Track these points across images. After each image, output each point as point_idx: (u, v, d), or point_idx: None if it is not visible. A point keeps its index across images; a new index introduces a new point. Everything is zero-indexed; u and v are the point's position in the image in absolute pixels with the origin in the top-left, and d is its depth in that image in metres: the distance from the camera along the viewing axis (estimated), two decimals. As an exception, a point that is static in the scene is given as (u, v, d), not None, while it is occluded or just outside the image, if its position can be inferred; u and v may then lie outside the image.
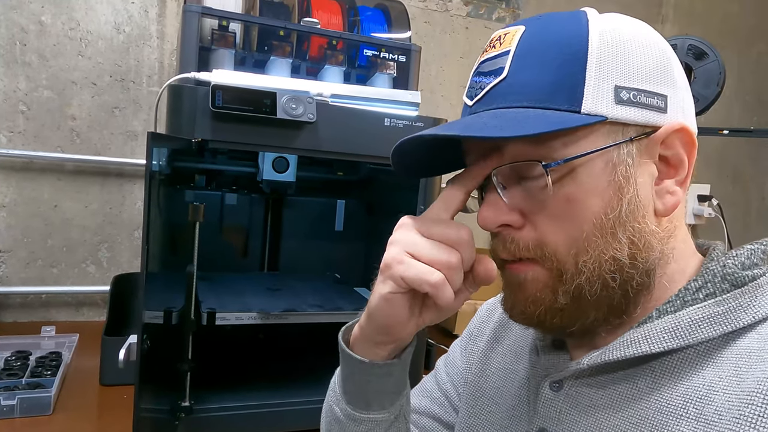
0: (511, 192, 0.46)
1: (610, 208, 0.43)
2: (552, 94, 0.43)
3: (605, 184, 0.43)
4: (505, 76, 0.45)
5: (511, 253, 0.46)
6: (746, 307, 0.42)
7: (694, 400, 0.41)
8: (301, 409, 0.99)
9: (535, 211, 0.45)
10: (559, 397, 0.49)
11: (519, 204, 0.45)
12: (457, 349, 0.69)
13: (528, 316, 0.47)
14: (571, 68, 0.43)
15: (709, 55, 1.57)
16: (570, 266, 0.44)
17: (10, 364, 1.08)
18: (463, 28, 1.85)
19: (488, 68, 0.46)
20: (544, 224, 0.44)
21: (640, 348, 0.44)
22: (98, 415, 1.00)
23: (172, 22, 1.51)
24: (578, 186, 0.43)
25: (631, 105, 0.43)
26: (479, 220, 0.47)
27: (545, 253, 0.44)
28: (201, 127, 0.86)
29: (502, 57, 0.45)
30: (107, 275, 1.48)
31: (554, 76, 0.43)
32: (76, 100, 1.45)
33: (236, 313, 0.98)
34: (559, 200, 0.44)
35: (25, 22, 1.39)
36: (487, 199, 0.47)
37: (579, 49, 0.43)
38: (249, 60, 1.11)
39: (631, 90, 0.43)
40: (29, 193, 1.43)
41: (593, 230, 0.43)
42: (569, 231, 0.44)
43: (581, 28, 0.44)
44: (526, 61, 0.44)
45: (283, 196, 1.38)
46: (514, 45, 0.45)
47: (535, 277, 0.45)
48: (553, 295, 0.45)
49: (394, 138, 0.95)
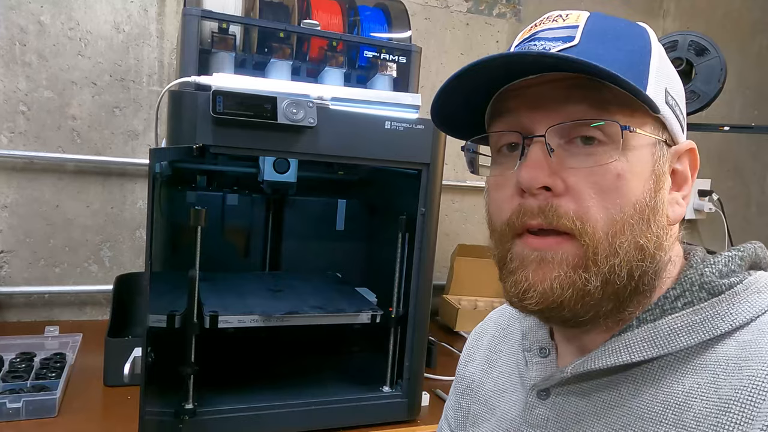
0: (558, 156, 0.44)
1: (649, 196, 0.44)
2: (624, 71, 0.41)
3: (648, 172, 0.44)
4: (577, 43, 0.43)
5: (548, 220, 0.43)
6: (723, 315, 0.43)
7: (673, 407, 0.42)
8: (303, 410, 1.00)
9: (582, 180, 0.43)
10: (545, 405, 0.50)
11: (564, 169, 0.43)
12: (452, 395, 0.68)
13: (549, 299, 0.43)
14: (639, 57, 0.44)
15: (710, 51, 1.56)
16: (604, 247, 0.42)
17: (15, 366, 1.09)
18: (463, 25, 1.84)
19: (553, 35, 0.45)
20: (588, 197, 0.43)
21: (620, 357, 0.45)
22: (103, 417, 1.01)
23: (172, 21, 1.50)
24: (630, 165, 0.43)
25: (672, 111, 0.46)
26: (523, 177, 0.43)
27: (585, 228, 0.42)
28: (202, 133, 0.86)
29: (570, 29, 0.45)
30: (110, 274, 1.48)
31: (625, 57, 0.44)
32: (77, 100, 1.45)
33: (239, 316, 0.99)
34: (610, 174, 0.43)
35: (24, 22, 1.39)
36: (532, 157, 0.44)
37: (644, 44, 0.46)
38: (249, 62, 1.11)
39: (674, 99, 0.46)
40: (31, 193, 1.43)
41: (633, 213, 0.43)
42: (611, 209, 0.43)
43: (644, 33, 0.47)
44: (598, 38, 0.44)
45: (284, 196, 1.38)
46: (582, 22, 0.45)
47: (565, 256, 0.43)
48: (585, 276, 0.43)
49: (395, 141, 0.97)
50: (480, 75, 0.45)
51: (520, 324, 0.57)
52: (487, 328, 0.66)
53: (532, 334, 0.55)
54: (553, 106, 0.44)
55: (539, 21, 0.48)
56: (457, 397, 0.66)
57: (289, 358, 1.23)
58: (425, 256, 1.05)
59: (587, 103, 0.43)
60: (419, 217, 1.04)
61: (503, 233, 0.47)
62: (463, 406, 0.64)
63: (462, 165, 1.88)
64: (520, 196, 0.45)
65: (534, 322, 0.55)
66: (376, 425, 1.05)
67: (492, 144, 0.50)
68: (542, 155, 0.44)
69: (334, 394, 1.05)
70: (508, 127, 0.47)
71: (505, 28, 1.89)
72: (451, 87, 0.46)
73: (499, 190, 0.48)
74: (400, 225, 1.07)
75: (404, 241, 1.08)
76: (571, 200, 0.43)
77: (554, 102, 0.44)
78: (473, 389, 0.62)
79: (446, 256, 1.78)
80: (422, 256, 1.05)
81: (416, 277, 1.05)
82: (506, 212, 0.46)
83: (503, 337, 0.62)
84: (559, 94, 0.44)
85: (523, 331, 0.56)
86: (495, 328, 0.64)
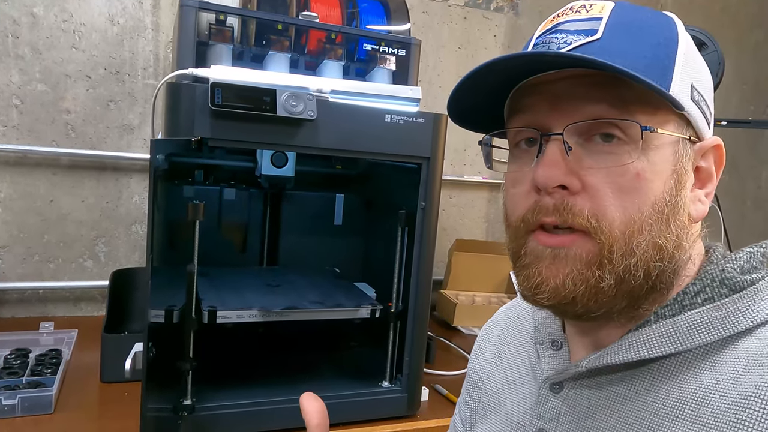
0: (576, 154, 0.43)
1: (670, 195, 0.43)
2: (648, 67, 0.41)
3: (669, 171, 0.44)
4: (600, 37, 0.43)
5: (563, 218, 0.43)
6: (744, 312, 0.43)
7: (690, 402, 0.41)
8: (302, 405, 1.00)
9: (600, 179, 0.43)
10: (558, 398, 0.50)
11: (582, 168, 0.43)
12: (464, 389, 0.68)
13: (560, 294, 0.43)
14: (664, 51, 0.43)
15: (709, 45, 1.56)
16: (621, 246, 0.42)
17: (10, 362, 1.08)
18: (461, 18, 1.83)
19: (575, 27, 0.44)
20: (605, 196, 0.42)
21: (638, 352, 0.44)
22: (100, 413, 1.00)
23: (167, 14, 1.49)
24: (650, 164, 0.43)
25: (697, 107, 0.45)
26: (539, 176, 0.43)
27: (601, 226, 0.42)
28: (200, 126, 0.85)
29: (593, 21, 0.44)
30: (105, 270, 1.47)
31: (650, 51, 0.43)
32: (71, 94, 1.43)
33: (237, 311, 0.98)
34: (629, 174, 0.42)
35: (17, 14, 1.37)
36: (549, 155, 0.43)
37: (671, 37, 0.44)
38: (247, 55, 1.09)
39: (700, 94, 0.45)
40: (24, 188, 1.42)
41: (652, 213, 0.43)
42: (629, 209, 0.42)
43: (670, 23, 0.46)
44: (621, 31, 0.43)
45: (282, 190, 1.37)
46: (606, 14, 0.44)
47: (579, 253, 0.43)
48: (599, 273, 0.42)
49: (395, 135, 0.96)
50: (499, 71, 0.45)
51: (533, 317, 0.57)
52: (497, 321, 0.66)
53: (545, 327, 0.54)
54: (572, 104, 0.43)
55: (562, 11, 0.47)
56: (468, 391, 0.66)
57: (288, 354, 1.22)
58: (425, 250, 1.04)
59: (607, 102, 0.42)
60: (419, 211, 1.03)
61: (518, 228, 0.46)
62: (473, 399, 0.64)
63: (459, 160, 1.87)
64: (536, 192, 0.45)
65: (546, 316, 0.55)
66: (376, 420, 1.04)
67: (510, 139, 0.49)
68: (559, 153, 0.43)
69: (333, 390, 1.04)
70: (526, 123, 0.46)
71: (503, 22, 1.88)
72: (468, 83, 0.46)
73: (515, 186, 0.47)
74: (399, 219, 1.06)
75: (403, 235, 1.07)
76: (587, 199, 0.43)
77: (573, 100, 0.44)
78: (483, 382, 0.62)
79: (444, 251, 1.78)
80: (422, 251, 1.04)
81: (416, 271, 1.05)
82: (521, 208, 0.46)
83: (514, 331, 0.62)
84: (578, 92, 0.43)
85: (535, 324, 0.56)
86: (505, 322, 0.64)
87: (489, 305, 1.72)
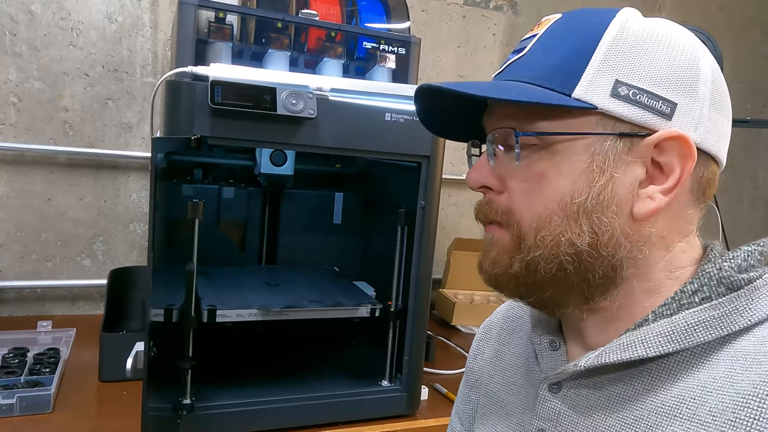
0: (499, 158, 0.49)
1: (577, 194, 0.44)
2: (551, 75, 0.45)
3: (579, 170, 0.45)
4: (523, 55, 0.48)
5: (484, 214, 0.50)
6: (742, 311, 0.43)
7: (689, 401, 0.41)
8: (302, 405, 1.00)
9: (515, 181, 0.48)
10: (557, 398, 0.50)
11: (501, 170, 0.49)
12: (462, 388, 0.68)
13: (488, 275, 0.50)
14: (575, 55, 0.45)
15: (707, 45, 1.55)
16: (530, 238, 0.46)
17: (8, 361, 1.07)
18: (460, 17, 1.83)
19: (518, 47, 0.49)
20: (516, 194, 0.47)
21: (636, 351, 0.44)
22: (98, 412, 1.00)
23: (166, 11, 1.48)
24: (553, 165, 0.45)
25: (627, 102, 0.44)
26: (467, 179, 0.51)
27: (510, 221, 0.48)
28: (200, 124, 0.85)
29: (530, 39, 0.48)
30: (103, 269, 1.46)
31: (559, 60, 0.45)
32: (68, 92, 1.42)
33: (237, 310, 0.98)
34: (532, 173, 0.46)
35: (15, 11, 1.36)
36: (478, 161, 0.51)
37: (591, 38, 0.45)
38: (246, 53, 1.09)
39: (632, 87, 0.44)
40: (22, 186, 1.41)
41: (557, 210, 0.45)
42: (534, 205, 0.46)
43: (604, 21, 0.45)
44: (544, 44, 0.47)
45: (281, 189, 1.37)
46: (542, 30, 0.48)
47: (498, 240, 0.49)
48: (509, 261, 0.48)
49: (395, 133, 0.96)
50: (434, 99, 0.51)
51: (530, 317, 0.57)
52: (495, 321, 0.66)
53: (542, 327, 0.54)
54: (495, 117, 0.49)
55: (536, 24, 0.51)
56: (467, 391, 0.66)
57: (288, 353, 1.22)
58: (425, 249, 1.04)
59: (516, 114, 0.47)
60: (419, 210, 1.03)
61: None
62: (472, 399, 0.64)
63: (459, 158, 1.87)
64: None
65: (543, 315, 0.55)
66: (376, 419, 1.04)
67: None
68: (485, 159, 0.50)
69: (332, 389, 1.04)
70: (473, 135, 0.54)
71: (501, 21, 1.88)
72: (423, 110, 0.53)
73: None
74: (399, 218, 1.06)
75: (403, 234, 1.07)
76: (506, 197, 0.48)
77: (496, 113, 0.49)
78: (482, 382, 0.62)
79: (442, 250, 1.78)
80: (422, 250, 1.04)
81: (415, 270, 1.05)
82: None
83: (511, 330, 0.62)
84: (504, 106, 0.48)
85: (533, 324, 0.56)
86: (503, 321, 0.64)
87: (488, 304, 1.72)
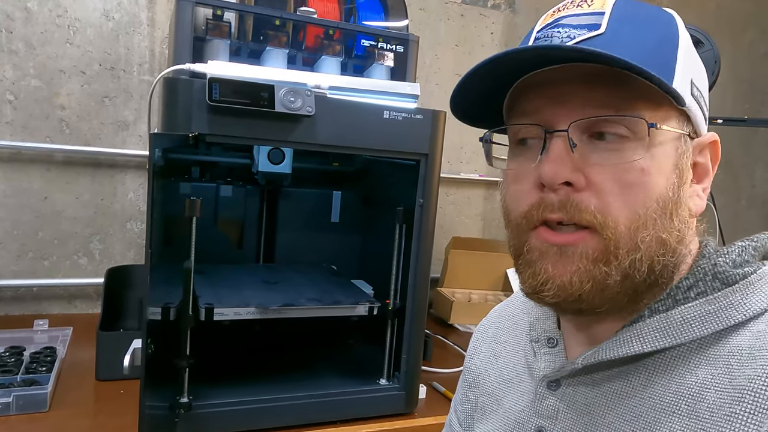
0: (581, 151, 0.43)
1: (672, 190, 0.44)
2: (648, 60, 0.40)
3: (671, 167, 0.44)
4: (604, 32, 0.43)
5: (569, 215, 0.43)
6: (737, 305, 0.43)
7: (687, 398, 0.42)
8: (300, 403, 0.99)
9: (606, 176, 0.42)
10: (556, 396, 0.50)
11: (587, 165, 0.43)
12: (460, 388, 0.68)
13: (567, 292, 0.43)
14: (667, 44, 0.44)
15: (705, 43, 1.56)
16: (628, 241, 0.42)
17: (4, 360, 1.07)
18: (458, 16, 1.82)
19: (578, 21, 0.44)
20: (610, 192, 0.42)
21: (632, 347, 0.44)
22: (95, 411, 0.99)
23: (163, 9, 1.48)
24: (654, 160, 0.43)
25: (697, 102, 0.45)
26: (545, 172, 0.43)
27: (607, 222, 0.42)
28: (197, 121, 0.84)
29: (596, 15, 0.44)
30: (100, 267, 1.46)
31: (653, 46, 0.43)
32: (65, 90, 1.42)
33: (234, 309, 0.97)
34: (635, 170, 0.42)
35: (11, 8, 1.35)
36: (554, 152, 0.43)
37: (673, 32, 0.45)
38: (244, 50, 1.08)
39: (699, 90, 0.45)
40: (18, 184, 1.40)
41: (657, 208, 0.43)
42: (634, 204, 0.42)
43: (671, 19, 0.46)
44: (625, 25, 0.43)
45: (279, 187, 1.37)
46: (609, 8, 0.44)
47: (585, 250, 0.43)
48: (606, 270, 0.42)
49: (393, 131, 0.96)
50: (506, 65, 0.44)
51: (528, 315, 0.57)
52: (492, 320, 0.66)
53: (540, 324, 0.54)
54: (577, 101, 0.43)
55: (562, 5, 0.46)
56: (464, 390, 0.65)
57: (285, 351, 1.22)
58: (423, 247, 1.04)
59: (612, 98, 0.42)
60: (417, 208, 1.03)
61: (519, 225, 0.46)
62: (470, 398, 0.64)
63: (456, 157, 1.87)
64: (539, 190, 0.45)
65: (541, 313, 0.55)
66: (374, 418, 1.04)
67: (511, 136, 0.49)
68: (564, 150, 0.43)
69: (330, 387, 1.04)
70: (530, 120, 0.46)
71: (500, 20, 1.88)
72: (471, 78, 0.45)
73: (517, 183, 0.47)
74: (397, 216, 1.06)
75: (401, 232, 1.07)
76: (592, 195, 0.43)
77: (577, 96, 0.43)
78: (480, 381, 0.62)
79: (440, 249, 1.78)
80: (420, 248, 1.04)
81: (413, 269, 1.05)
82: (524, 205, 0.46)
83: (508, 329, 0.61)
84: (582, 88, 0.43)
85: (530, 322, 0.56)
86: (500, 320, 0.64)
87: (485, 303, 1.72)
